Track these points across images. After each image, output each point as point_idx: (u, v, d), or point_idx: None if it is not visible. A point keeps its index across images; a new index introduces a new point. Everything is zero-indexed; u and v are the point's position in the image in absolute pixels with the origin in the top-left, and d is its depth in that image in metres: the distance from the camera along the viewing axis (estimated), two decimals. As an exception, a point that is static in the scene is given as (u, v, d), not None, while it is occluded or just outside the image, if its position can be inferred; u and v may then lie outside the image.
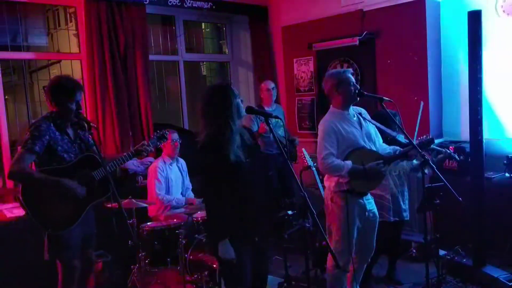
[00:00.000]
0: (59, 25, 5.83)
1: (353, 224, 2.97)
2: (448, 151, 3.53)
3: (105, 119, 4.43)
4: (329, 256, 3.13)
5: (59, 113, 2.73)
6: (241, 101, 2.45)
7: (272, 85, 4.98)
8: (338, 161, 2.88)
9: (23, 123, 5.09)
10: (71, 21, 5.02)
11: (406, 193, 3.63)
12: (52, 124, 2.69)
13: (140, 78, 4.63)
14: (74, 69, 4.93)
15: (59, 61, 5.41)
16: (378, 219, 3.16)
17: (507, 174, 3.99)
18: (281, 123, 4.52)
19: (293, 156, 4.82)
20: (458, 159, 3.58)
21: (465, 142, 4.11)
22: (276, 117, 2.45)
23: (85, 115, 4.01)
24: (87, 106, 4.45)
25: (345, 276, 3.14)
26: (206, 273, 3.41)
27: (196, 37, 6.29)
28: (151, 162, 4.25)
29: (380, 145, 3.12)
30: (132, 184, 4.43)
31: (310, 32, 5.24)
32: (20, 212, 3.48)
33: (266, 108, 4.86)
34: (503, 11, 4.12)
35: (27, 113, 5.21)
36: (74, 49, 4.81)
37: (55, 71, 5.76)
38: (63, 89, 2.70)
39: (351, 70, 3.11)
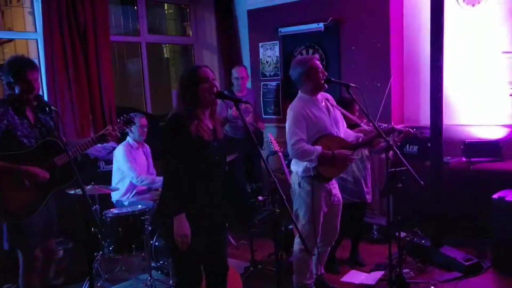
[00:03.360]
0: (11, 2, 5.50)
1: (319, 209, 3.04)
2: (411, 130, 3.62)
3: (64, 102, 4.24)
4: (296, 240, 3.20)
5: (16, 96, 2.59)
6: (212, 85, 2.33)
7: (242, 73, 4.87)
8: (308, 146, 2.91)
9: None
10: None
11: (368, 177, 3.73)
12: (10, 108, 2.55)
13: (101, 59, 4.45)
14: (30, 48, 4.68)
15: (12, 40, 5.12)
16: (341, 203, 3.24)
17: (463, 159, 4.18)
18: (251, 109, 4.53)
19: (260, 142, 4.84)
20: (421, 136, 3.68)
21: (424, 127, 4.26)
22: (247, 102, 2.43)
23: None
24: (45, 89, 4.24)
25: (310, 259, 3.22)
26: (171, 259, 3.38)
27: (159, 18, 6.11)
28: (113, 147, 4.13)
29: (345, 131, 3.19)
30: (94, 169, 4.30)
31: (277, 17, 5.20)
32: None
33: (237, 94, 4.82)
34: (464, 1, 4.26)
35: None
36: (30, 27, 4.55)
37: (7, 51, 5.45)
38: (11, 69, 2.57)
39: (317, 56, 3.13)
